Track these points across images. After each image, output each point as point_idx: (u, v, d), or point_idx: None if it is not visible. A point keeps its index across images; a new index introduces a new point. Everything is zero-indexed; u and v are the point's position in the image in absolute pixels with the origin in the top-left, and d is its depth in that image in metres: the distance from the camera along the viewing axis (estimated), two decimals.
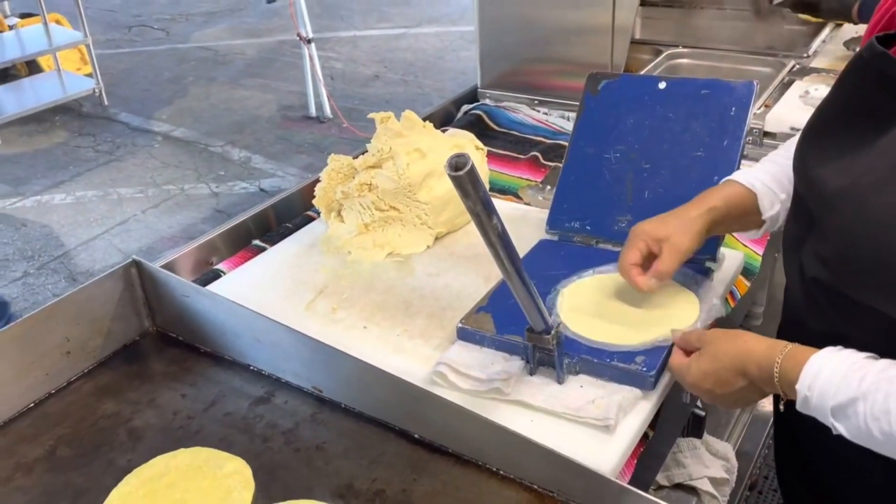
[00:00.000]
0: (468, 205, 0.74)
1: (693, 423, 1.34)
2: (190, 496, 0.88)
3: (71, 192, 4.52)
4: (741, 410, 1.71)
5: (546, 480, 0.86)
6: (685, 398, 1.20)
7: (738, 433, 1.70)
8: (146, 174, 4.74)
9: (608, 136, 1.25)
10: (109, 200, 4.47)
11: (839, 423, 0.72)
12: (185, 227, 4.27)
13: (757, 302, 1.65)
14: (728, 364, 0.85)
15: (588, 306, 1.08)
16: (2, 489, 0.91)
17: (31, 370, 1.03)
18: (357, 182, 1.32)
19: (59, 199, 4.16)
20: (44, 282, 3.65)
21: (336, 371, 1.00)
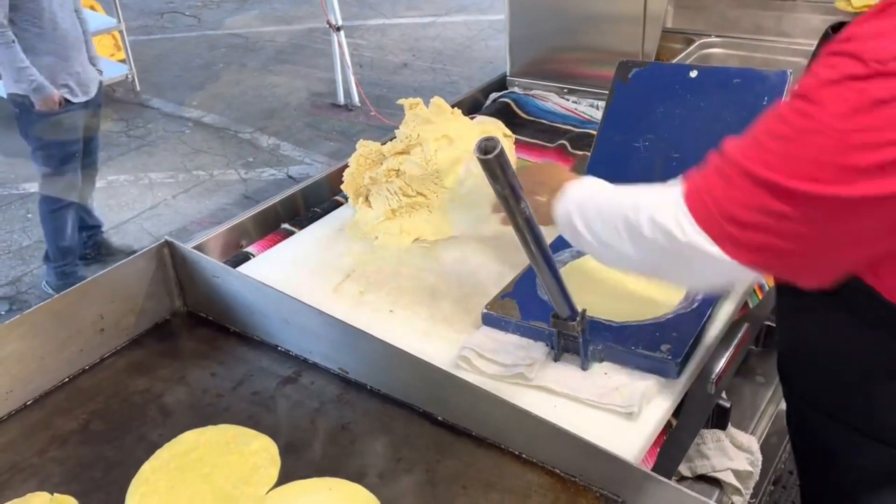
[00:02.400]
0: (496, 189, 0.74)
1: (717, 414, 1.33)
2: (218, 471, 0.90)
3: (103, 176, 4.58)
4: (766, 403, 1.69)
5: (568, 465, 0.87)
6: (710, 389, 1.20)
7: (764, 426, 1.69)
8: (177, 159, 4.80)
9: (637, 125, 1.24)
10: (141, 185, 4.53)
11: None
12: (213, 212, 4.33)
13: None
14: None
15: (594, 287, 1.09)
16: (37, 460, 0.94)
17: (66, 345, 1.06)
18: (385, 168, 1.33)
19: None
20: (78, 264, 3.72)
21: (362, 353, 1.01)
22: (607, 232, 0.82)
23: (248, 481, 0.88)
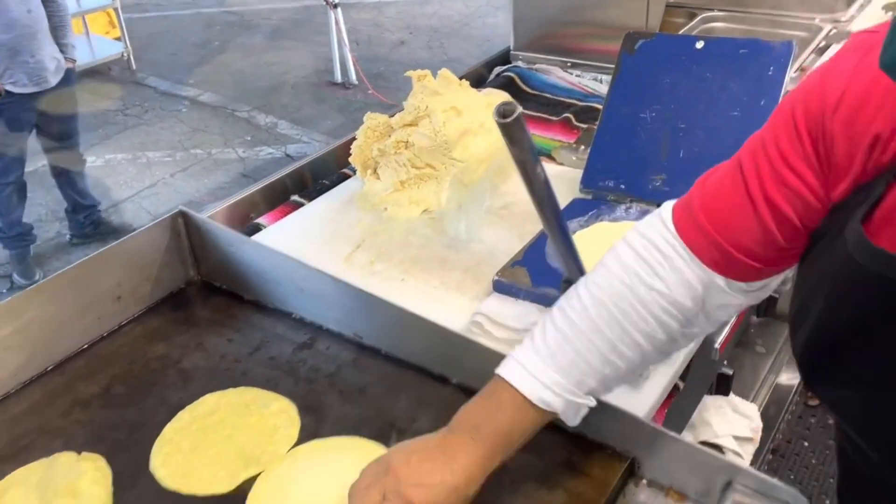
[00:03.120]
0: (514, 153, 0.76)
1: (720, 381, 1.36)
2: (239, 432, 0.93)
3: (101, 154, 4.59)
4: (767, 373, 1.73)
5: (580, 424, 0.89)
6: (714, 355, 1.23)
7: (763, 396, 1.73)
8: (174, 138, 4.79)
9: (644, 96, 1.26)
10: (138, 164, 4.53)
11: None
12: (212, 190, 4.33)
13: None
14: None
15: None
16: (62, 422, 0.96)
17: (85, 313, 1.08)
18: (394, 140, 1.34)
19: (89, 161, 4.21)
20: (76, 243, 3.73)
21: (377, 318, 1.03)
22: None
23: (269, 441, 0.91)
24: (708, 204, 0.71)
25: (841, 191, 0.63)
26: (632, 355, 0.74)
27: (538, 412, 0.74)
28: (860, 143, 0.60)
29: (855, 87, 0.60)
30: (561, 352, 0.74)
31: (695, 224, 0.71)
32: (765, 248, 0.68)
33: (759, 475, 0.77)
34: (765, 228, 0.67)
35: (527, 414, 0.74)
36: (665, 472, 0.84)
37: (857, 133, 0.60)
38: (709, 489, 0.81)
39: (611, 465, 0.85)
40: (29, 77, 3.03)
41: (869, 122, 0.59)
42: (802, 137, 0.64)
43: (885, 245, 0.57)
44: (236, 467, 0.88)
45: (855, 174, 0.61)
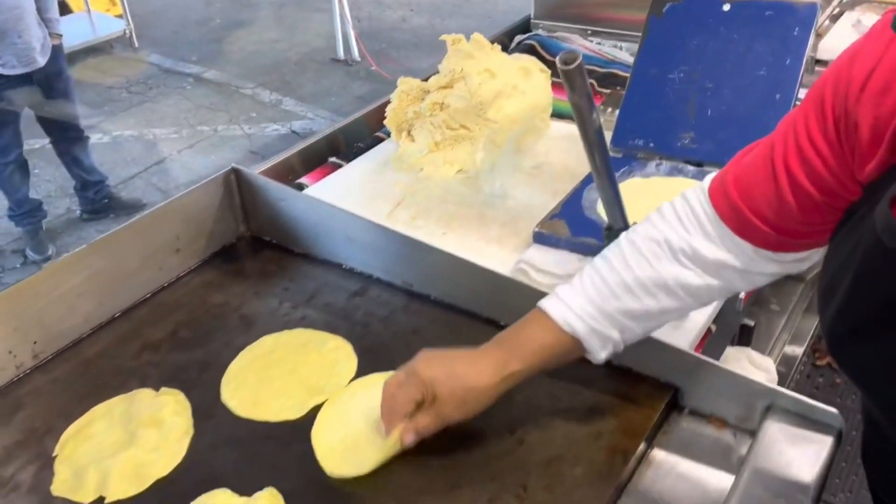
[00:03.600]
0: (573, 99, 0.82)
1: (742, 332, 1.43)
2: (300, 367, 0.98)
3: (107, 132, 4.61)
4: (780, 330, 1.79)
5: (625, 357, 0.95)
6: (738, 306, 1.29)
7: (777, 352, 1.79)
8: (179, 115, 4.81)
9: (672, 58, 1.31)
10: (145, 141, 4.56)
11: None
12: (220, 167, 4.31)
13: None
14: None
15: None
16: (135, 363, 1.02)
17: (147, 264, 1.13)
18: (429, 102, 1.39)
19: (95, 138, 4.24)
20: (87, 219, 3.77)
21: (426, 266, 1.09)
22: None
23: (330, 373, 0.97)
24: (739, 173, 0.76)
25: (871, 170, 0.64)
26: (663, 297, 0.80)
27: (562, 335, 0.81)
28: (888, 124, 0.61)
29: (883, 67, 0.61)
30: (593, 285, 0.82)
31: (724, 191, 0.77)
32: (781, 217, 0.72)
33: (799, 397, 0.83)
34: (781, 198, 0.71)
35: (551, 333, 0.81)
36: (706, 400, 0.91)
37: (884, 113, 0.61)
38: (748, 414, 0.88)
39: (656, 395, 0.92)
40: (17, 58, 3.03)
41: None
42: (826, 115, 0.66)
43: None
44: (302, 397, 0.94)
45: (884, 155, 0.62)
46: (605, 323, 0.81)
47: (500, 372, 0.81)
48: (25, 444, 0.91)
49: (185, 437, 0.90)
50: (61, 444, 0.90)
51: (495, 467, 0.84)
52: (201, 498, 0.81)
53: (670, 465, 0.87)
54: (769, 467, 0.79)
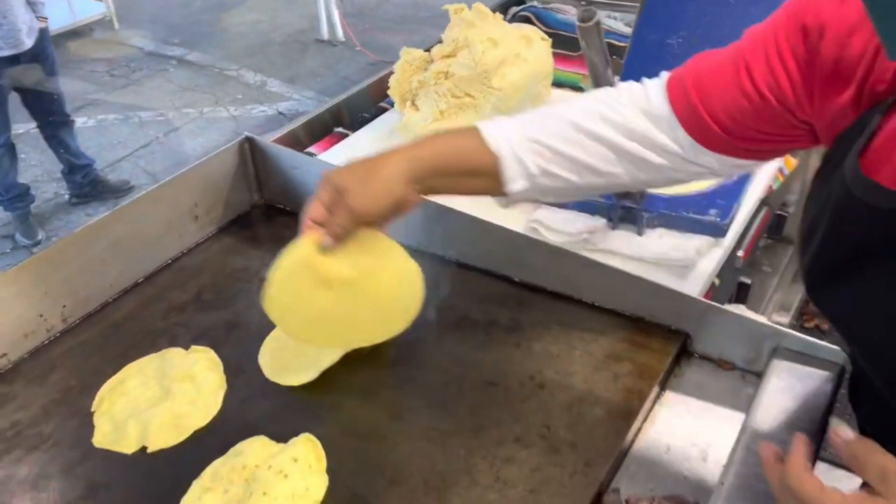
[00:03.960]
0: (589, 56, 0.85)
1: (740, 289, 1.48)
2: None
3: (92, 115, 4.57)
4: (773, 291, 1.85)
5: (637, 307, 1.00)
6: (737, 263, 1.34)
7: (769, 312, 1.85)
8: (164, 98, 4.78)
9: (671, 23, 1.34)
10: (131, 123, 4.53)
11: None
12: (208, 149, 4.35)
13: (791, 190, 1.78)
14: None
15: None
16: (163, 324, 1.05)
17: (168, 231, 1.16)
18: (433, 71, 1.42)
19: (80, 122, 4.21)
20: (76, 203, 3.75)
21: (440, 227, 1.13)
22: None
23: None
24: (699, 72, 0.76)
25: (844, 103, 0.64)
26: (588, 149, 0.79)
27: (484, 150, 0.80)
28: (854, 69, 0.62)
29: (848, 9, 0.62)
30: (530, 118, 0.82)
31: (682, 86, 0.76)
32: (734, 120, 0.72)
33: (805, 337, 0.88)
34: (739, 101, 0.71)
35: (474, 144, 0.80)
36: (715, 344, 0.96)
37: (851, 55, 0.62)
38: (756, 356, 0.93)
39: (668, 341, 0.96)
40: (4, 40, 3.01)
41: (864, 44, 0.61)
42: (799, 35, 0.67)
43: (879, 178, 0.59)
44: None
45: (853, 94, 0.63)
46: (528, 153, 0.80)
47: (407, 155, 0.80)
48: (62, 401, 0.94)
49: (218, 390, 0.93)
50: (98, 400, 0.93)
51: (519, 410, 0.89)
52: (240, 444, 0.85)
53: (683, 406, 0.92)
54: (777, 403, 0.84)
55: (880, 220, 0.59)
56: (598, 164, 0.80)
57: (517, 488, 0.80)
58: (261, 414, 0.91)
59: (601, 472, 0.81)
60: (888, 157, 0.59)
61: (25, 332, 1.00)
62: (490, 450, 0.84)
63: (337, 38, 5.28)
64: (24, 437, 0.90)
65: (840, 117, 0.65)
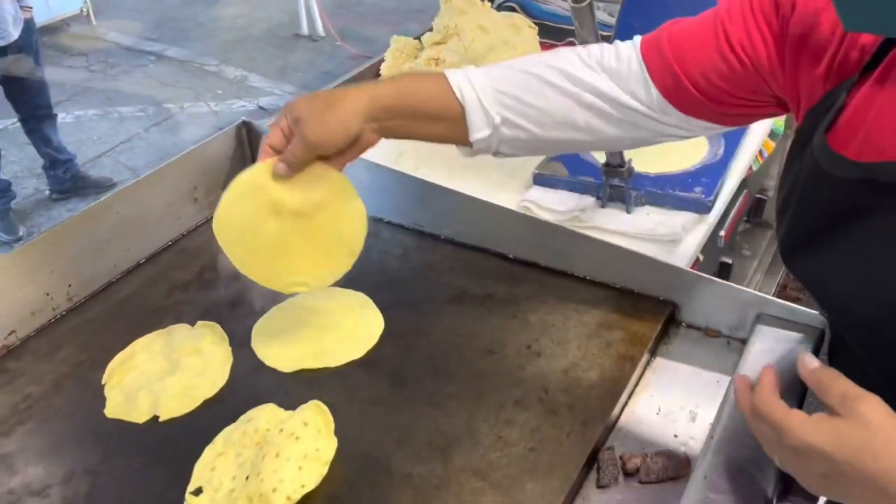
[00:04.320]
0: (581, 36, 0.89)
1: (722, 268, 1.54)
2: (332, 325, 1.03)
3: (70, 111, 4.54)
4: (752, 272, 1.92)
5: (627, 280, 1.04)
6: (719, 242, 1.39)
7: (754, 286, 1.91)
8: (144, 93, 4.76)
9: (653, 11, 1.39)
10: (110, 119, 4.50)
11: None
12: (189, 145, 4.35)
13: (769, 175, 1.84)
14: (866, 467, 0.53)
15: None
16: (166, 302, 1.08)
17: (167, 213, 1.18)
18: (424, 57, 1.46)
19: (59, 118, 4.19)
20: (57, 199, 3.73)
21: (436, 206, 1.16)
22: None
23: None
24: (675, 33, 0.78)
25: (814, 78, 0.67)
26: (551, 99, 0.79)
27: (450, 98, 0.80)
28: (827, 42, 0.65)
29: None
30: (499, 69, 0.83)
31: (658, 47, 0.77)
32: (709, 81, 0.74)
33: (786, 304, 0.93)
34: (714, 62, 0.73)
35: (439, 90, 0.80)
36: (701, 313, 1.01)
37: (820, 32, 0.65)
38: (740, 323, 0.98)
39: (657, 311, 1.01)
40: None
41: (833, 22, 0.64)
42: (772, 7, 0.70)
43: (845, 153, 0.62)
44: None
45: (823, 71, 0.66)
46: (492, 102, 0.80)
47: (368, 92, 0.79)
48: (72, 376, 0.97)
49: (226, 362, 0.96)
50: (108, 373, 0.96)
51: (517, 376, 0.93)
52: (250, 412, 0.88)
53: (672, 371, 0.96)
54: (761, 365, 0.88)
55: (846, 189, 0.62)
56: (560, 117, 0.80)
57: (517, 447, 0.84)
58: (268, 385, 0.94)
59: (596, 432, 0.85)
60: (853, 134, 0.62)
61: (32, 310, 1.03)
62: (491, 412, 0.88)
63: (317, 32, 5.29)
64: (36, 409, 0.92)
65: (809, 93, 0.68)
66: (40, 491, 0.82)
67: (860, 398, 0.56)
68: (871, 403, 0.56)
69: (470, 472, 0.81)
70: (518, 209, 1.20)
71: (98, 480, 0.83)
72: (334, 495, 0.80)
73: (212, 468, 0.82)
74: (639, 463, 0.83)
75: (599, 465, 0.83)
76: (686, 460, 0.83)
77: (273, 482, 0.77)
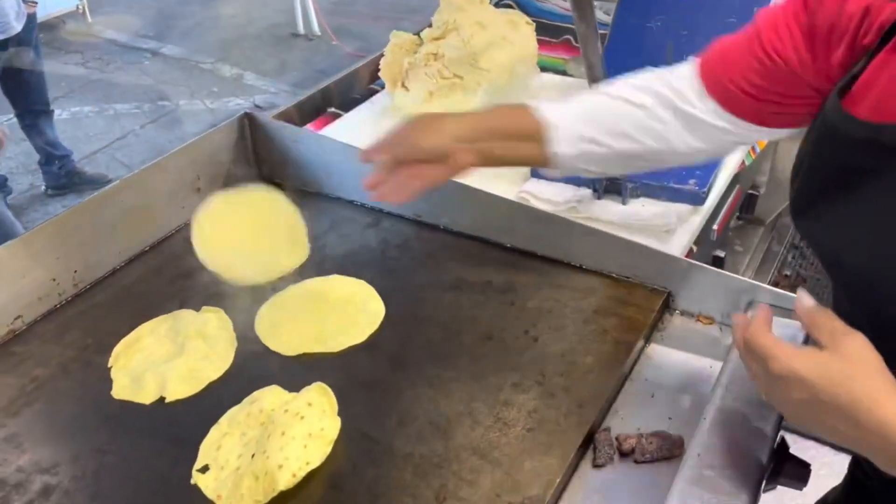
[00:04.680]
0: (580, 27, 0.92)
1: (714, 262, 1.56)
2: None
3: (66, 107, 4.55)
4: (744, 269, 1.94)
5: (623, 268, 1.07)
6: (712, 235, 1.42)
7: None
8: (140, 90, 4.77)
9: (649, 8, 1.42)
10: (106, 116, 4.51)
11: None
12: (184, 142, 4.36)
13: (761, 171, 1.87)
14: (841, 397, 0.57)
15: None
16: (171, 288, 1.10)
17: (172, 201, 1.20)
18: (424, 52, 1.48)
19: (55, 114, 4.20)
20: (52, 194, 3.74)
21: (436, 196, 1.17)
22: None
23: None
24: (719, 44, 0.84)
25: (838, 61, 0.72)
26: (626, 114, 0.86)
27: (532, 121, 0.88)
28: (848, 25, 0.69)
29: None
30: (577, 100, 0.90)
31: (707, 60, 0.84)
32: (753, 84, 0.78)
33: (778, 291, 0.96)
34: (752, 66, 0.78)
35: (524, 117, 0.89)
36: (695, 300, 1.03)
37: (845, 15, 0.70)
38: (733, 310, 1.00)
39: (652, 298, 1.03)
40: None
41: (858, 4, 0.68)
42: (800, 3, 0.74)
43: (856, 113, 0.66)
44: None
45: (845, 51, 0.70)
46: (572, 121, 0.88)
47: (468, 116, 0.90)
48: (79, 359, 0.98)
49: (230, 347, 0.98)
50: (114, 356, 0.98)
51: (515, 361, 0.95)
52: (255, 393, 0.90)
53: (666, 357, 0.99)
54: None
55: (853, 148, 0.66)
56: (632, 130, 0.86)
57: (516, 427, 0.86)
58: (271, 368, 0.96)
59: (593, 413, 0.87)
60: (865, 95, 0.66)
61: (39, 295, 1.04)
62: (490, 394, 0.90)
63: (313, 31, 5.31)
64: (44, 390, 0.94)
65: (837, 76, 0.72)
66: (49, 468, 0.84)
67: (848, 335, 0.61)
68: (857, 340, 0.60)
69: (470, 450, 0.83)
70: (516, 199, 1.22)
71: (106, 459, 0.85)
72: (338, 473, 0.82)
73: (217, 447, 0.84)
74: (634, 443, 0.85)
75: (596, 446, 0.86)
76: (680, 441, 0.86)
77: (279, 459, 0.79)
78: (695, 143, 0.87)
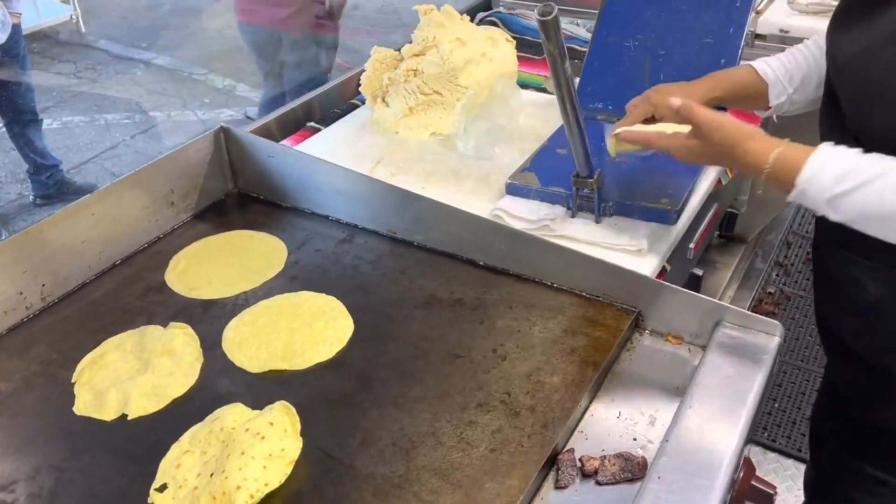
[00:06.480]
0: (548, 48, 0.92)
1: (691, 280, 1.57)
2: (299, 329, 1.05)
3: (57, 117, 4.54)
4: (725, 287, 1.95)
5: (594, 288, 1.07)
6: (688, 254, 1.42)
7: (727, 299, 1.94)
8: (131, 101, 4.77)
9: (628, 27, 1.43)
10: (97, 126, 4.51)
11: (834, 211, 0.86)
12: None
13: (742, 191, 1.87)
14: (720, 151, 0.97)
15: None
16: (140, 303, 1.09)
17: (144, 215, 1.19)
18: (404, 68, 1.49)
19: (45, 124, 4.19)
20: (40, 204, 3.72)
21: (410, 213, 1.18)
22: None
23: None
24: None
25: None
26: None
27: (756, 77, 1.15)
28: None
29: None
30: (788, 55, 1.16)
31: None
32: None
33: (745, 312, 0.96)
34: None
35: (748, 75, 1.16)
36: (664, 320, 1.03)
37: None
38: (701, 331, 1.00)
39: (621, 318, 1.03)
40: None
41: None
42: None
43: None
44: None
45: None
46: (786, 79, 1.14)
47: (706, 93, 1.16)
48: (43, 374, 0.98)
49: (196, 363, 0.98)
50: (78, 371, 0.97)
51: (482, 379, 0.95)
52: (218, 411, 0.89)
53: (634, 376, 0.98)
54: (718, 369, 0.91)
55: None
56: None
57: (479, 448, 0.85)
58: (237, 385, 0.95)
59: (557, 434, 0.87)
60: None
61: (5, 308, 1.04)
62: (454, 414, 0.89)
63: None
64: (6, 405, 0.93)
65: None
66: (5, 486, 0.83)
67: (717, 111, 1.00)
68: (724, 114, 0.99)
69: (431, 471, 0.83)
70: (491, 216, 1.22)
71: (64, 476, 0.84)
72: (297, 494, 0.81)
73: (177, 465, 0.83)
74: (597, 465, 0.85)
75: (559, 467, 0.85)
76: (643, 462, 0.85)
77: (237, 480, 0.78)
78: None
